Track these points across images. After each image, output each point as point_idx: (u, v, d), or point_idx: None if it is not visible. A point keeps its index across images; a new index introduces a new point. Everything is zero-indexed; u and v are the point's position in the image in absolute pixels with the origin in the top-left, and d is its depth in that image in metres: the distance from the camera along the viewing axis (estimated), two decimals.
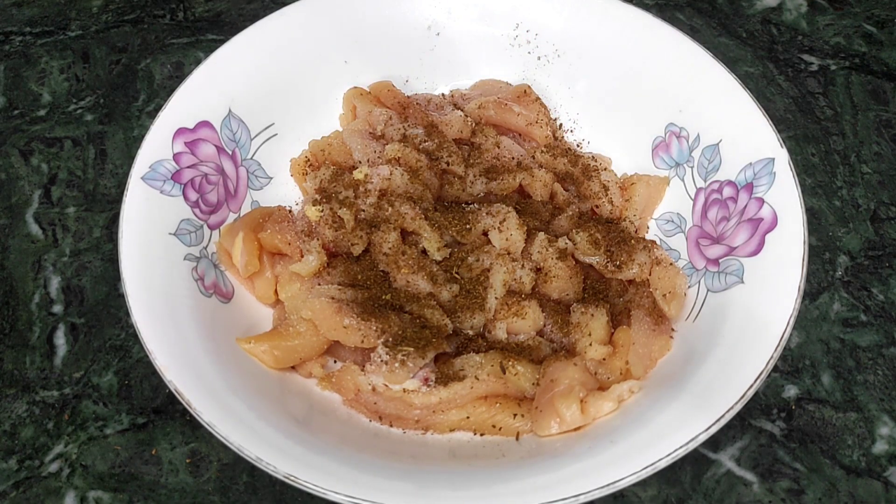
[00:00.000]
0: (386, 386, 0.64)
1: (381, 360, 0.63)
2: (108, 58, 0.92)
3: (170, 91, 0.73)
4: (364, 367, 0.65)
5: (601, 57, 0.78)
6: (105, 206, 0.81)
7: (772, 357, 0.58)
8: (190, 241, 0.68)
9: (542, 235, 0.69)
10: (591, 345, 0.65)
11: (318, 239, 0.69)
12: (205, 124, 0.72)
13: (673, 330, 0.67)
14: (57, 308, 0.75)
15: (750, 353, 0.59)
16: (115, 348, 0.72)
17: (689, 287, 0.69)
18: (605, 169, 0.77)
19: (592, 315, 0.66)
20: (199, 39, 0.94)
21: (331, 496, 0.53)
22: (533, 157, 0.76)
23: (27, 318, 0.74)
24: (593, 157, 0.78)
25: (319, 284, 0.67)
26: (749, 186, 0.68)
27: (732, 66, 0.74)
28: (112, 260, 0.77)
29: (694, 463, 0.67)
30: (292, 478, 0.53)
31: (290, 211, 0.74)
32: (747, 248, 0.66)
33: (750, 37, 0.94)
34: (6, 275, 0.77)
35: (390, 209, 0.69)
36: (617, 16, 0.77)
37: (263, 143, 0.76)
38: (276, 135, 0.77)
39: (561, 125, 0.82)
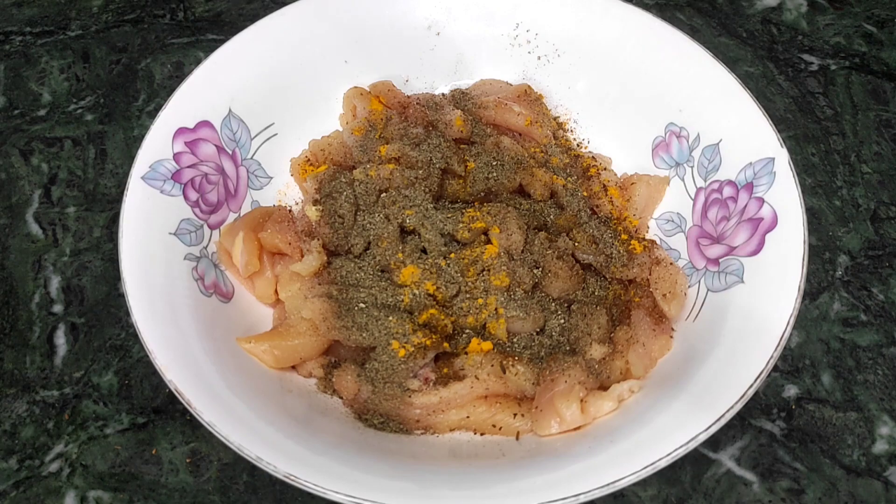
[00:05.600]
0: None
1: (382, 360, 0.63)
2: (108, 58, 0.92)
3: (170, 91, 0.73)
4: (364, 366, 0.65)
5: (601, 57, 0.78)
6: (105, 205, 0.81)
7: (772, 357, 0.58)
8: (190, 241, 0.68)
9: (542, 235, 0.69)
10: (591, 344, 0.65)
11: (318, 239, 0.69)
12: (205, 124, 0.72)
13: (673, 330, 0.67)
14: (57, 308, 0.75)
15: (750, 352, 0.59)
16: (115, 348, 0.72)
17: (689, 287, 0.69)
18: (605, 169, 0.77)
19: (592, 315, 0.66)
20: (199, 39, 0.94)
21: (331, 496, 0.53)
22: (533, 157, 0.76)
23: (27, 317, 0.74)
24: (593, 156, 0.78)
25: (319, 284, 0.67)
26: (749, 186, 0.68)
27: (732, 66, 0.74)
28: (112, 260, 0.77)
29: (694, 463, 0.67)
30: (292, 477, 0.53)
31: (290, 211, 0.74)
32: (747, 247, 0.66)
33: (750, 37, 0.94)
34: (6, 275, 0.77)
35: (390, 209, 0.69)
36: (617, 16, 0.77)
37: (263, 142, 0.76)
38: (276, 135, 0.77)
39: (561, 125, 0.81)
